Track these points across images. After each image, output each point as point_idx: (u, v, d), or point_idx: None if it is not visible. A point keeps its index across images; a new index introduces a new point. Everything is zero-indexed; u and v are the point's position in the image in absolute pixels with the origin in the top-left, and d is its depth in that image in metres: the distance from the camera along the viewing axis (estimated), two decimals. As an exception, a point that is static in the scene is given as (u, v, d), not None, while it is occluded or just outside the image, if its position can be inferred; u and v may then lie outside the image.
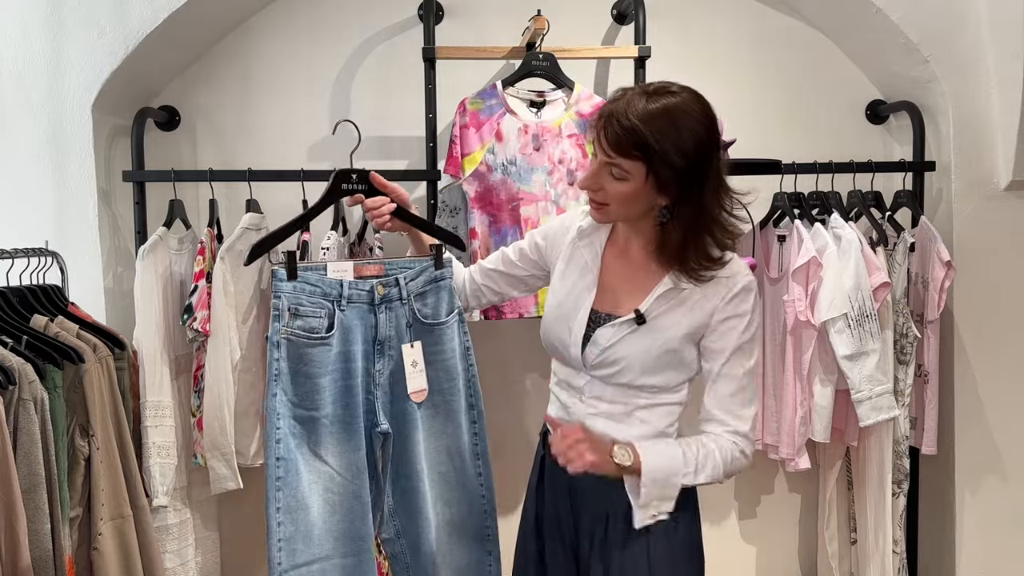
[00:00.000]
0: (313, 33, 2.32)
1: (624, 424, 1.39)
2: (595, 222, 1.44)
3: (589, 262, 1.44)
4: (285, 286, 1.36)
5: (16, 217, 2.10)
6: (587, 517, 1.44)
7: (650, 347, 1.35)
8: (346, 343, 1.41)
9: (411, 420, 1.48)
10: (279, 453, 1.35)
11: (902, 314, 2.16)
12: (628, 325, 1.36)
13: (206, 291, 1.98)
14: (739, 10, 2.40)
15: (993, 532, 2.30)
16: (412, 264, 1.51)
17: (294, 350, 1.36)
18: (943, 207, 2.29)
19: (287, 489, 1.35)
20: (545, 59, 2.05)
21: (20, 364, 1.50)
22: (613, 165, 1.27)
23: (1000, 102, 2.20)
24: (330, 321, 1.39)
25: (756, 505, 2.51)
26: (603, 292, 1.42)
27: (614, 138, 1.25)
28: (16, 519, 1.43)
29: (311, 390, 1.37)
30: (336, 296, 1.40)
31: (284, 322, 1.36)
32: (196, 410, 2.05)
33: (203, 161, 2.28)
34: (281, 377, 1.35)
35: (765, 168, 2.17)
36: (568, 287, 1.45)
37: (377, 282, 1.44)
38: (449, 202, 2.08)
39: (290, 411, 1.36)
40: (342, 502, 1.40)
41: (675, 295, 1.36)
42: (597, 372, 1.39)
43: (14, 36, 2.08)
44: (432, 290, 1.52)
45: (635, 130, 1.23)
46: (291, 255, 1.38)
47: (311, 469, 1.37)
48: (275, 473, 1.34)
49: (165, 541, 2.01)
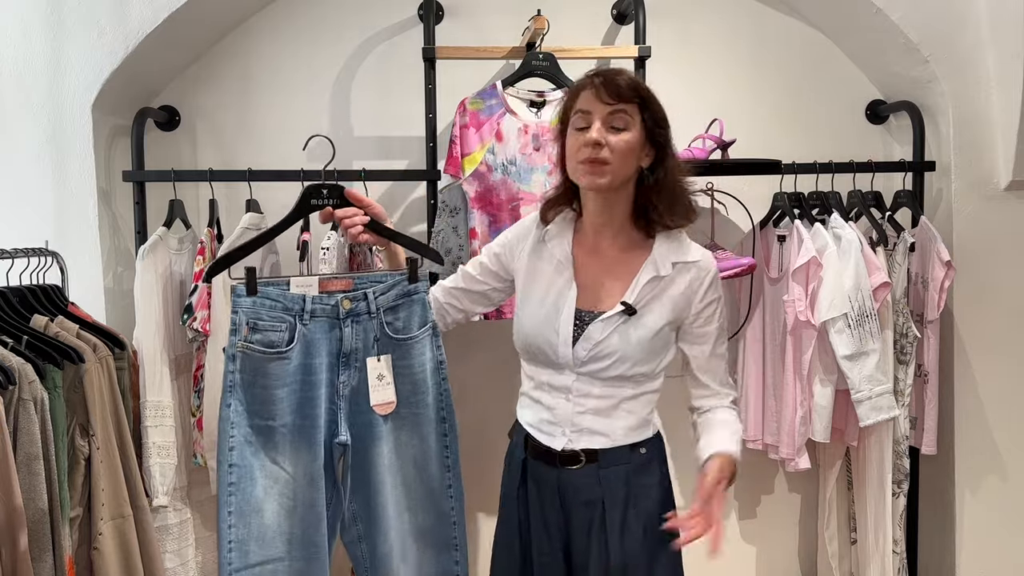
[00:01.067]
0: (313, 33, 2.32)
1: (610, 418, 1.45)
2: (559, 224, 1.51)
3: (562, 260, 1.48)
4: (244, 301, 1.39)
5: (16, 217, 2.10)
6: (580, 511, 1.46)
7: (642, 336, 1.41)
8: (308, 356, 1.43)
9: (375, 432, 1.50)
10: (232, 460, 1.38)
11: (902, 314, 2.16)
12: (619, 317, 1.41)
13: (206, 291, 1.98)
14: (739, 10, 2.40)
15: (993, 532, 2.30)
16: (384, 278, 1.51)
17: (249, 363, 1.39)
18: (943, 207, 2.29)
19: (240, 494, 1.39)
20: (545, 59, 2.05)
21: (20, 364, 1.50)
22: (617, 114, 1.36)
23: (1000, 102, 2.20)
24: (291, 335, 1.41)
25: (756, 505, 2.52)
26: (581, 290, 1.45)
27: (615, 88, 1.36)
28: (16, 519, 1.43)
29: (267, 400, 1.40)
30: (298, 310, 1.42)
31: (241, 336, 1.38)
32: (196, 410, 2.05)
33: (203, 161, 2.28)
34: (235, 388, 1.39)
35: (765, 168, 2.17)
36: (544, 288, 1.48)
37: (342, 296, 1.46)
38: (449, 202, 2.08)
39: (246, 420, 1.40)
40: (296, 507, 1.43)
41: (657, 284, 1.43)
42: (586, 368, 1.43)
43: (14, 36, 2.08)
44: (404, 304, 1.52)
45: (631, 78, 1.38)
46: (250, 271, 1.39)
47: (267, 474, 1.41)
48: (227, 479, 1.38)
49: (165, 541, 2.01)
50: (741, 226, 2.40)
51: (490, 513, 2.46)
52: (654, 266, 1.42)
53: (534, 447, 1.51)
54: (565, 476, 1.46)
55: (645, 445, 1.48)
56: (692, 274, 1.43)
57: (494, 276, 1.59)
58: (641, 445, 1.47)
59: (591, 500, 1.45)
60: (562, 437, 1.46)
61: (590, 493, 1.45)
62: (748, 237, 2.31)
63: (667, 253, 1.43)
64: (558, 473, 1.47)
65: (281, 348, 1.40)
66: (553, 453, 1.47)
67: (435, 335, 1.55)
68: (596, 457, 1.45)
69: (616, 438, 1.45)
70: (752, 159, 2.19)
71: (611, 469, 1.44)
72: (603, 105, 1.36)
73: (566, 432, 1.46)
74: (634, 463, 1.46)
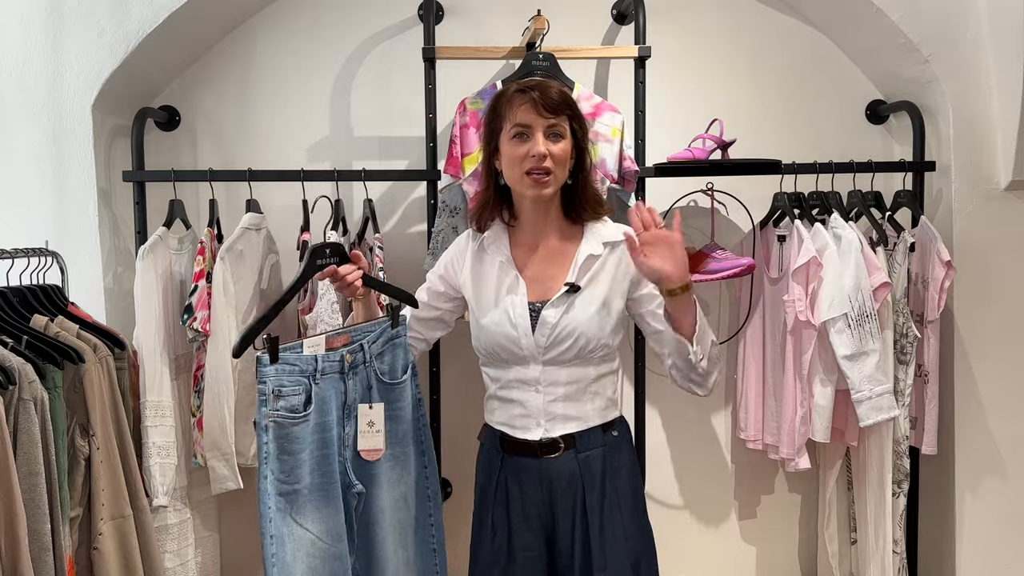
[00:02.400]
0: (313, 33, 2.32)
1: (580, 402, 1.54)
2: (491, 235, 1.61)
3: (504, 262, 1.58)
4: (269, 370, 1.39)
5: (16, 217, 2.10)
6: (564, 496, 1.54)
7: (592, 311, 1.51)
8: (321, 414, 1.45)
9: (373, 475, 1.54)
10: (271, 531, 1.39)
11: (902, 314, 2.16)
12: (565, 298, 1.52)
13: (206, 291, 1.98)
14: (739, 10, 2.40)
15: (993, 532, 2.30)
16: (373, 328, 1.56)
17: (279, 431, 1.40)
18: (943, 207, 2.29)
19: (280, 565, 1.39)
20: (545, 59, 2.05)
21: (20, 364, 1.50)
22: (554, 126, 1.49)
23: (1000, 102, 2.20)
24: (307, 396, 1.43)
25: (756, 505, 2.52)
26: (529, 284, 1.55)
27: (552, 102, 1.47)
28: (16, 519, 1.43)
29: (293, 466, 1.41)
30: (312, 371, 1.44)
31: (270, 406, 1.39)
32: (196, 410, 2.05)
33: (203, 161, 2.28)
34: (270, 459, 1.39)
35: (765, 168, 2.17)
36: (494, 290, 1.58)
37: (346, 351, 1.49)
38: (449, 202, 2.08)
39: (275, 488, 1.40)
40: (323, 564, 1.45)
41: (593, 262, 1.55)
42: (550, 355, 1.51)
43: (14, 36, 2.08)
44: (389, 348, 1.58)
45: (561, 91, 1.50)
46: (273, 340, 1.40)
47: (293, 538, 1.42)
48: (270, 551, 1.39)
49: (165, 541, 2.01)
50: (741, 226, 2.40)
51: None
52: (588, 248, 1.55)
53: (511, 443, 1.57)
54: (546, 465, 1.54)
55: (616, 428, 1.59)
56: (620, 248, 1.56)
57: (444, 297, 1.68)
58: (612, 427, 1.58)
59: (572, 484, 1.53)
60: (538, 428, 1.54)
61: (571, 477, 1.53)
62: (748, 237, 2.31)
63: (597, 236, 1.57)
64: (539, 463, 1.54)
65: (300, 411, 1.42)
66: (532, 444, 1.53)
67: (415, 375, 1.63)
68: (574, 442, 1.54)
69: (590, 420, 1.55)
70: (752, 159, 2.19)
71: (589, 452, 1.54)
72: (542, 119, 1.48)
73: (541, 423, 1.54)
74: (608, 445, 1.56)
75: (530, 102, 1.47)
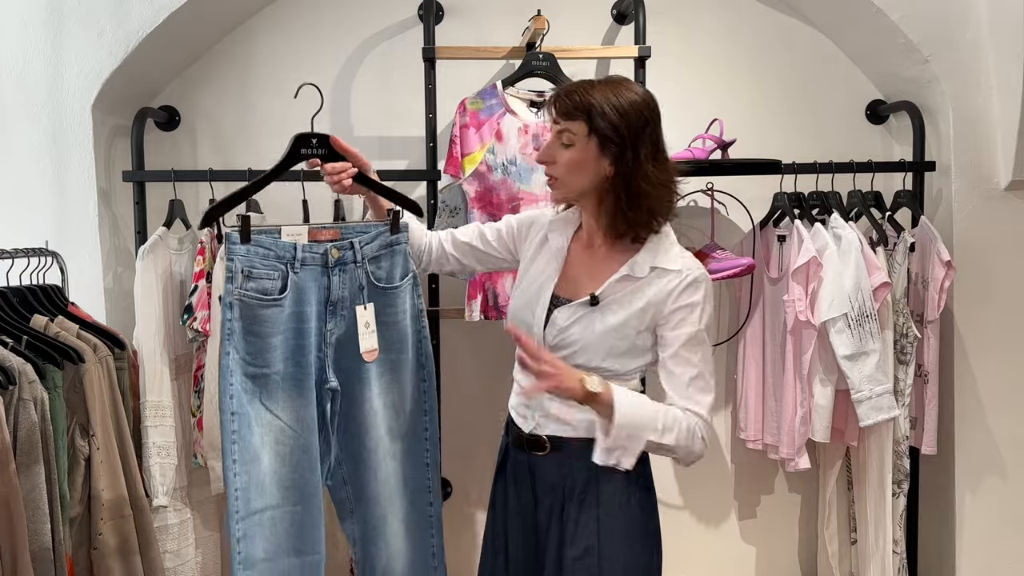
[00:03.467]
0: (313, 33, 2.32)
1: (576, 408, 1.43)
2: (565, 217, 1.56)
3: (556, 251, 1.54)
4: (239, 248, 1.41)
5: (16, 217, 2.10)
6: (547, 497, 1.51)
7: (601, 330, 1.43)
8: (299, 304, 1.46)
9: (362, 378, 1.55)
10: (233, 408, 1.40)
11: (902, 314, 2.16)
12: (583, 307, 1.45)
13: (206, 291, 1.98)
14: (739, 10, 2.40)
15: (993, 532, 2.30)
16: (368, 228, 1.56)
17: (247, 311, 1.41)
18: (943, 207, 2.29)
19: (241, 442, 1.41)
20: (545, 59, 2.05)
21: (20, 364, 1.50)
22: (561, 131, 1.41)
23: (1000, 102, 2.20)
24: (283, 283, 1.44)
25: (756, 505, 2.52)
26: (565, 279, 1.51)
27: (562, 105, 1.40)
28: (16, 519, 1.43)
29: (262, 348, 1.43)
30: (289, 259, 1.45)
31: (237, 284, 1.40)
32: (196, 410, 2.05)
33: (203, 161, 2.28)
34: (233, 336, 1.41)
35: (765, 168, 2.17)
36: (534, 274, 1.55)
37: (331, 245, 1.50)
38: (449, 202, 2.08)
39: (242, 368, 1.41)
40: (291, 454, 1.46)
41: (631, 283, 1.44)
42: (556, 354, 1.46)
43: (14, 36, 2.08)
44: (387, 254, 1.58)
45: (576, 92, 1.39)
46: (245, 219, 1.42)
47: (261, 423, 1.44)
48: (230, 427, 1.40)
49: (165, 541, 2.01)
50: (741, 226, 2.40)
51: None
52: (630, 267, 1.44)
53: (514, 433, 1.56)
54: (534, 461, 1.52)
55: None
56: (668, 278, 1.43)
57: (505, 247, 1.64)
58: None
59: (555, 487, 1.50)
60: (531, 420, 1.52)
61: (555, 480, 1.50)
62: (748, 237, 2.31)
63: (648, 258, 1.45)
64: (528, 458, 1.53)
65: (275, 296, 1.43)
66: (523, 437, 1.52)
67: (415, 285, 1.61)
68: (560, 446, 1.49)
69: (579, 430, 1.46)
70: (752, 159, 2.19)
71: (575, 461, 1.46)
72: (554, 124, 1.44)
73: (535, 416, 1.52)
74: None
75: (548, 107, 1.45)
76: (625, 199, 1.40)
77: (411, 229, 1.66)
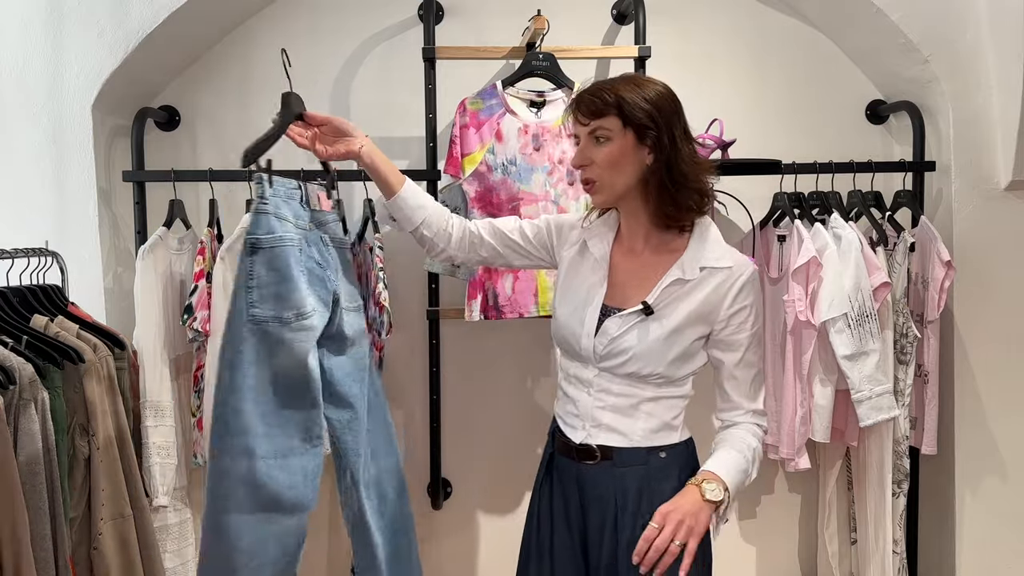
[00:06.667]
0: (313, 33, 2.32)
1: (630, 418, 1.44)
2: (602, 223, 1.53)
3: (599, 259, 1.50)
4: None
5: (16, 217, 2.10)
6: (596, 507, 1.47)
7: (657, 337, 1.41)
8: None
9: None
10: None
11: (902, 314, 2.16)
12: (636, 316, 1.42)
13: (206, 291, 1.98)
14: (739, 10, 2.40)
15: (993, 532, 2.30)
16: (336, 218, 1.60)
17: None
18: (943, 207, 2.29)
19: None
20: (545, 59, 2.05)
21: (20, 364, 1.50)
22: (595, 130, 1.39)
23: (1000, 102, 2.20)
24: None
25: (756, 505, 2.52)
26: (612, 288, 1.48)
27: (588, 104, 1.38)
28: (17, 519, 1.43)
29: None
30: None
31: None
32: (196, 410, 2.05)
33: (203, 161, 2.28)
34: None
35: (765, 168, 2.17)
36: (580, 282, 1.51)
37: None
38: (449, 202, 2.08)
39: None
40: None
41: (681, 287, 1.42)
42: (605, 364, 1.44)
43: (14, 36, 2.07)
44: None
45: (602, 90, 1.38)
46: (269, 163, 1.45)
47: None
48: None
49: (165, 541, 2.01)
50: (741, 226, 2.40)
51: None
52: (680, 269, 1.42)
53: (560, 441, 1.53)
54: (583, 471, 1.48)
55: (665, 450, 1.45)
56: (721, 278, 1.41)
57: (543, 247, 1.60)
58: (661, 449, 1.45)
59: (605, 497, 1.46)
60: (582, 431, 1.48)
61: (605, 490, 1.46)
62: (748, 237, 2.31)
63: (697, 256, 1.42)
64: (577, 467, 1.49)
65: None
66: (571, 447, 1.49)
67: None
68: (611, 455, 1.45)
69: (634, 439, 1.44)
70: (752, 159, 2.19)
71: (627, 469, 1.44)
72: (583, 127, 1.41)
73: (586, 426, 1.47)
74: (651, 466, 1.44)
75: (572, 113, 1.43)
76: (670, 183, 1.39)
77: (429, 211, 1.57)
